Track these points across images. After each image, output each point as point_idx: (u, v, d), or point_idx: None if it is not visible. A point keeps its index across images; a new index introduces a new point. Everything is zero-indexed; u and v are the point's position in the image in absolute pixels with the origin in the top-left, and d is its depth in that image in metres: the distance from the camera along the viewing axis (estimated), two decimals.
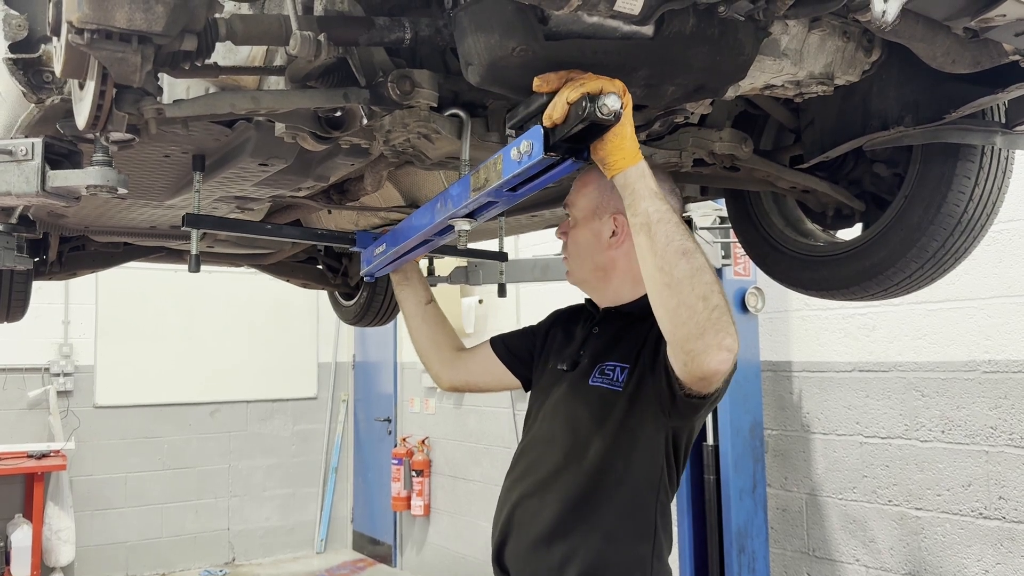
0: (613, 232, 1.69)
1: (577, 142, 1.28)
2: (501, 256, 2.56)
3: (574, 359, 1.75)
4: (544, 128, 1.25)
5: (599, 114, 1.20)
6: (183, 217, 1.86)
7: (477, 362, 2.02)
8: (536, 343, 1.93)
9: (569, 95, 1.21)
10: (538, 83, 1.23)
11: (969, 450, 3.31)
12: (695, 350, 1.31)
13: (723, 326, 1.29)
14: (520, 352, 1.96)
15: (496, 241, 2.63)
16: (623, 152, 1.30)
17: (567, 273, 1.80)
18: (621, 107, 1.22)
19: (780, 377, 4.03)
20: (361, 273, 2.17)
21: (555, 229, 1.84)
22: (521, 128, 1.34)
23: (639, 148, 1.32)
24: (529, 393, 1.90)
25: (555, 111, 1.22)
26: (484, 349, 2.01)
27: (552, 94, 1.24)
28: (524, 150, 1.28)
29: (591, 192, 1.71)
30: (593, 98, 1.20)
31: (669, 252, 1.30)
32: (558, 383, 1.74)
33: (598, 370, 1.66)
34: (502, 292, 2.59)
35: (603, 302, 1.78)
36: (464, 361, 2.05)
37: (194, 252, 1.87)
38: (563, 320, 1.93)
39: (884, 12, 0.94)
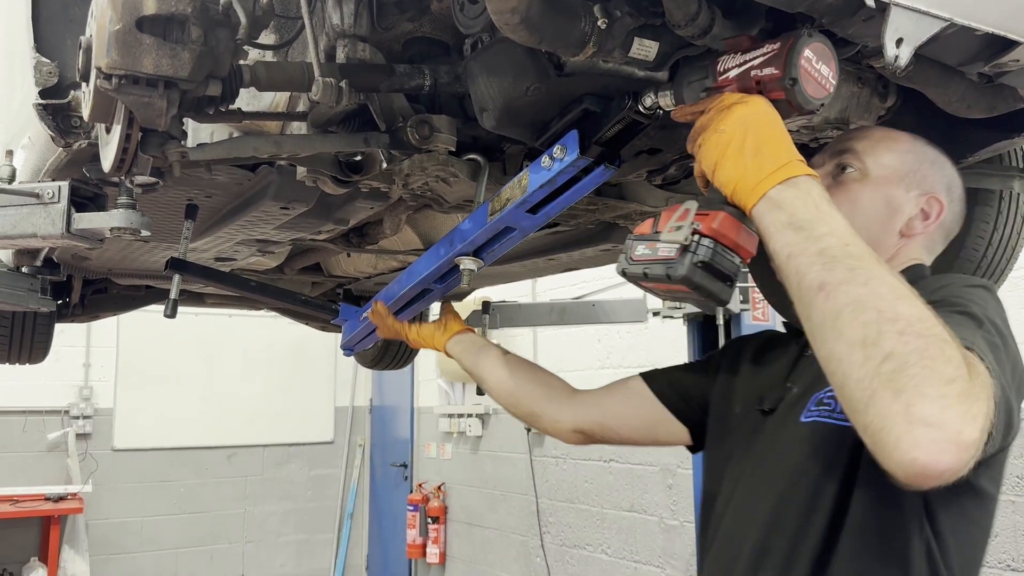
0: (920, 215, 1.25)
1: (613, 145, 1.21)
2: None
3: (778, 394, 1.26)
4: (580, 131, 1.20)
5: (641, 108, 1.10)
6: (167, 261, 1.84)
7: (618, 400, 1.53)
8: (711, 382, 1.45)
9: None
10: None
11: None
12: (869, 427, 0.84)
13: (907, 384, 0.82)
14: (692, 393, 1.47)
15: (508, 287, 2.65)
16: (736, 172, 0.99)
17: None
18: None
19: None
20: (340, 345, 2.06)
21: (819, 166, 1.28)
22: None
23: (775, 167, 0.97)
24: (704, 451, 1.45)
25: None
26: (632, 384, 1.53)
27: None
28: (557, 155, 1.23)
29: (904, 153, 1.28)
30: (635, 94, 1.11)
31: (803, 291, 0.93)
32: (755, 431, 1.27)
33: (814, 401, 1.17)
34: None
35: None
36: (594, 398, 1.56)
37: (173, 296, 1.82)
38: (749, 349, 1.44)
39: (897, 57, 0.94)
